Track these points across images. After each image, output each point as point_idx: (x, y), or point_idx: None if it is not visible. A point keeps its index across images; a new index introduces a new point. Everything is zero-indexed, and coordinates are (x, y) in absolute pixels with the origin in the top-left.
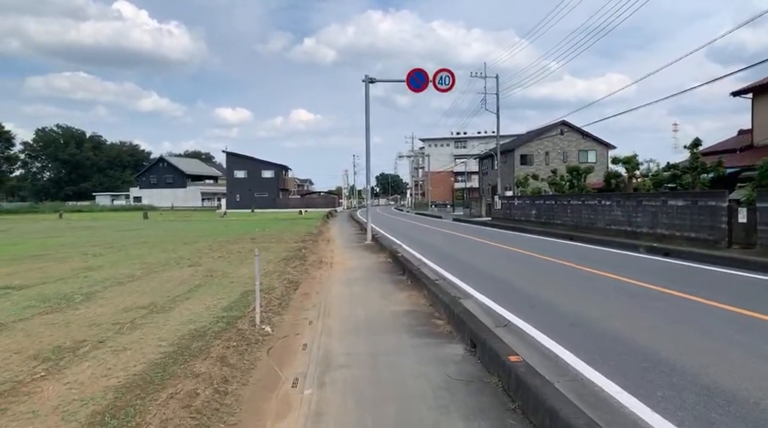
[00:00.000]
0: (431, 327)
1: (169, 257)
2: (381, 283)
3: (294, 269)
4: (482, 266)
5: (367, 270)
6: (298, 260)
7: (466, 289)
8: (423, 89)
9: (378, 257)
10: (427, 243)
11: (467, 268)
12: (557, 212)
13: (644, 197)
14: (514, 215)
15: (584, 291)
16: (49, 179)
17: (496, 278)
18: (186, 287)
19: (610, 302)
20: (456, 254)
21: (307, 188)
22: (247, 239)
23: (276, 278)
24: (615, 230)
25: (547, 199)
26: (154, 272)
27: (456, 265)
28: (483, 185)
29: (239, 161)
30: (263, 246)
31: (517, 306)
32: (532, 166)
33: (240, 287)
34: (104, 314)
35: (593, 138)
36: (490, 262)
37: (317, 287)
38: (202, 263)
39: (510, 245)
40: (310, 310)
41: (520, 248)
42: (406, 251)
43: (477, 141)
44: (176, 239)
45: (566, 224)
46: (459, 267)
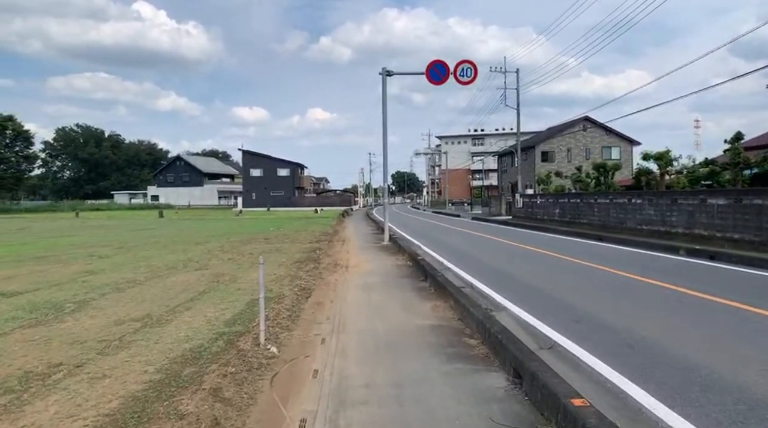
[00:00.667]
0: (463, 347)
1: (176, 259)
2: (401, 290)
3: (307, 273)
4: (512, 272)
5: (386, 275)
6: (311, 262)
7: (497, 299)
8: (443, 82)
9: (396, 259)
10: (448, 244)
11: (495, 273)
12: (583, 210)
13: (680, 195)
14: (537, 214)
15: (637, 304)
16: (69, 178)
17: (529, 286)
18: (189, 294)
19: (675, 319)
20: (480, 257)
21: (322, 187)
22: (260, 239)
23: (287, 285)
24: (647, 230)
25: (571, 197)
26: (158, 276)
27: (482, 270)
28: (502, 183)
29: (255, 160)
30: (276, 247)
31: (560, 321)
32: (554, 163)
33: (247, 295)
34: (92, 328)
35: (617, 134)
36: (519, 266)
37: (331, 294)
38: (210, 265)
39: (536, 246)
40: (323, 323)
41: (548, 250)
42: (426, 253)
43: (495, 138)
44: (188, 239)
45: (593, 224)
46: (486, 273)
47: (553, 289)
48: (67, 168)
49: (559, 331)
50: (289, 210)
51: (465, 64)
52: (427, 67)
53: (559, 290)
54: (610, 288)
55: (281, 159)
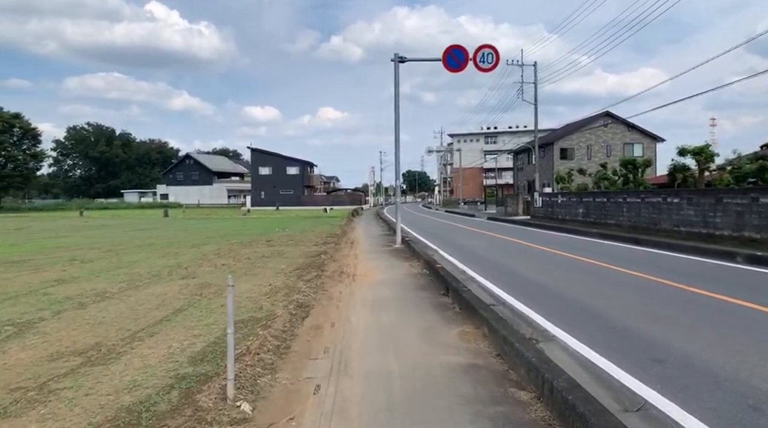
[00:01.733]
0: (511, 405)
1: (164, 265)
2: (419, 309)
3: (308, 284)
4: (549, 284)
5: (399, 286)
6: (314, 270)
7: (541, 323)
8: (461, 69)
9: (411, 266)
10: (467, 248)
11: (530, 286)
12: (610, 210)
13: (726, 194)
14: (557, 213)
15: (739, 334)
16: (80, 177)
17: (578, 305)
18: (161, 312)
19: None
20: (507, 263)
21: (333, 186)
22: (262, 242)
23: (281, 300)
24: (685, 232)
25: (597, 196)
26: (136, 286)
27: (513, 281)
28: (518, 181)
29: (264, 158)
30: (278, 251)
31: (637, 360)
32: (573, 160)
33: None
34: (17, 366)
35: (640, 130)
36: (556, 277)
37: (333, 313)
38: (198, 273)
39: (569, 251)
40: (319, 359)
41: (584, 256)
42: (443, 258)
43: (508, 136)
44: (186, 241)
45: (621, 225)
46: (519, 285)
47: (608, 309)
48: (78, 167)
49: (642, 379)
50: (298, 209)
51: (485, 49)
52: (444, 53)
53: (618, 310)
54: (686, 311)
55: (290, 157)
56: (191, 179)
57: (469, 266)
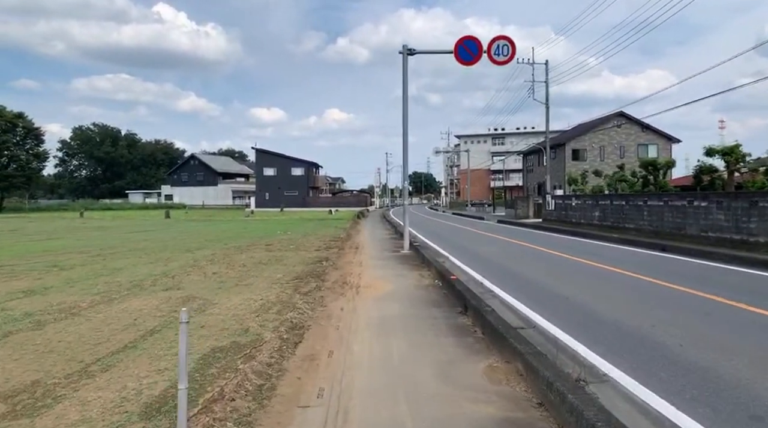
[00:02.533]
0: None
1: (149, 274)
2: (434, 332)
3: (305, 297)
4: (583, 300)
5: (409, 301)
6: (314, 279)
7: (585, 355)
8: (475, 61)
9: (420, 275)
10: (481, 255)
11: (561, 303)
12: (629, 214)
13: (761, 197)
14: (571, 217)
15: None
16: (86, 177)
17: (623, 330)
18: (129, 335)
19: None
20: (528, 274)
21: (338, 187)
22: (261, 246)
23: (272, 319)
24: (714, 238)
25: (614, 198)
26: (110, 300)
27: (540, 296)
28: (527, 183)
29: (268, 158)
30: (277, 256)
31: (736, 420)
32: (585, 162)
33: (209, 341)
34: None
35: (654, 131)
36: (588, 291)
37: (332, 337)
38: (185, 284)
39: (594, 259)
40: (311, 407)
41: (614, 266)
42: (456, 266)
43: (516, 138)
44: (181, 245)
45: (642, 230)
46: (547, 301)
47: (666, 338)
48: (84, 167)
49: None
50: (302, 211)
51: (501, 40)
52: (456, 45)
53: (678, 340)
54: (759, 337)
55: (295, 158)
56: (196, 179)
57: (487, 277)
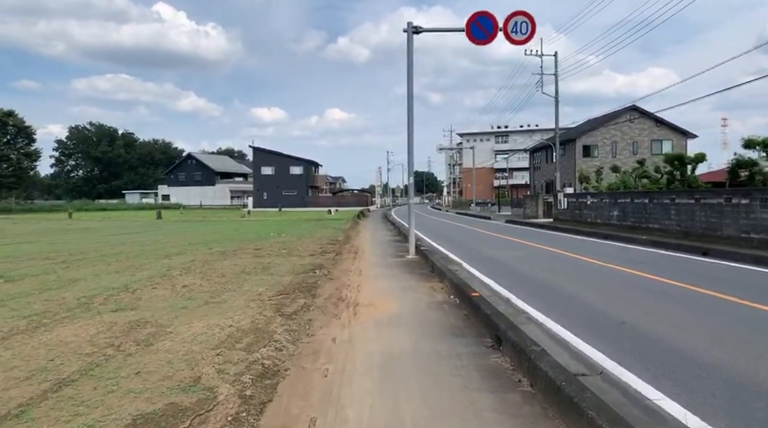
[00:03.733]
0: None
1: (107, 287)
2: (462, 383)
3: (287, 322)
4: (657, 332)
5: (421, 327)
6: (303, 294)
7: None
8: (489, 40)
9: (432, 288)
10: (498, 261)
11: (624, 333)
12: (653, 213)
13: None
14: (586, 216)
15: None
16: (82, 177)
17: (743, 381)
18: (26, 390)
19: None
20: (564, 287)
21: (339, 186)
22: (250, 250)
23: (237, 359)
24: (758, 240)
25: (636, 196)
26: (38, 326)
27: (590, 320)
28: (535, 181)
29: (266, 157)
30: (264, 263)
31: None
32: (597, 158)
33: (140, 400)
34: None
35: (668, 125)
36: (659, 317)
37: (317, 391)
38: (143, 302)
39: (633, 267)
40: None
41: (664, 277)
42: (474, 277)
43: (519, 135)
44: (161, 249)
45: (668, 230)
46: (603, 328)
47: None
48: (80, 167)
49: None
50: (301, 211)
51: (519, 16)
52: (468, 22)
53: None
54: None
55: (294, 156)
56: (193, 179)
57: (514, 291)
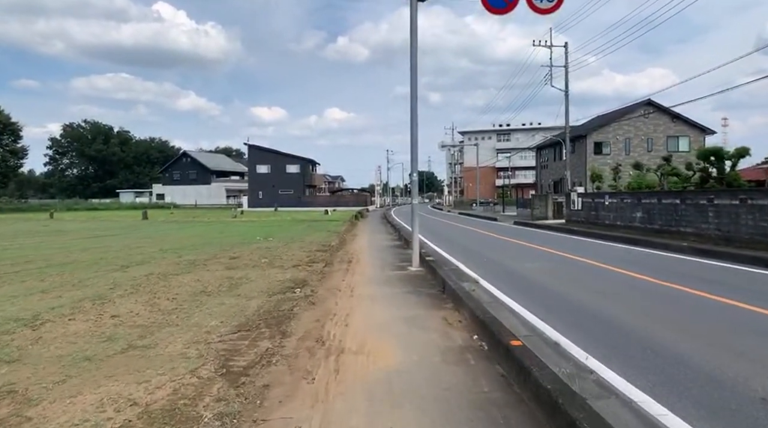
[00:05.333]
0: None
1: (8, 318)
2: None
3: (228, 393)
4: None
5: (436, 404)
6: (268, 332)
7: None
8: (509, 9)
9: (445, 322)
10: (525, 278)
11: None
12: (685, 215)
13: None
14: (604, 218)
15: None
16: (76, 176)
17: None
18: None
19: None
20: (648, 330)
21: (338, 186)
22: (225, 259)
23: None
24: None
25: (663, 196)
26: None
27: (714, 401)
28: (542, 180)
29: (262, 155)
30: (235, 279)
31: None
32: (609, 156)
33: None
34: None
35: (685, 121)
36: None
37: None
38: (35, 348)
39: (719, 292)
40: None
41: (749, 304)
42: (499, 302)
43: (521, 134)
44: (124, 257)
45: (705, 235)
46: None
47: None
48: (74, 166)
49: None
50: (297, 211)
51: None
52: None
53: None
54: None
55: (290, 154)
56: (188, 178)
57: (571, 336)
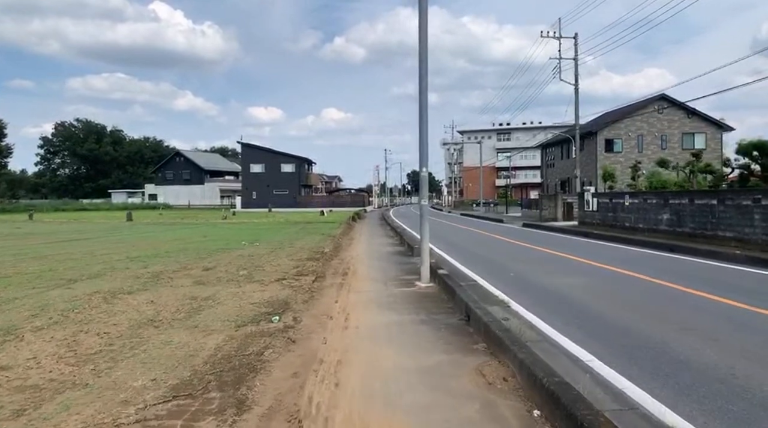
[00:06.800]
0: None
1: None
2: None
3: None
4: None
5: None
6: (217, 401)
7: None
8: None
9: (483, 380)
10: (569, 301)
11: None
12: (724, 218)
13: None
14: (623, 220)
15: None
16: (68, 176)
17: None
18: None
19: None
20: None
21: (335, 185)
22: (197, 270)
23: None
24: None
25: (696, 196)
26: None
27: None
28: (548, 179)
29: (256, 154)
30: (201, 300)
31: None
32: (621, 153)
33: None
34: None
35: (701, 116)
36: None
37: None
38: None
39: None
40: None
41: None
42: (548, 340)
43: (522, 133)
44: (78, 269)
45: (749, 240)
46: None
47: None
48: (66, 165)
49: None
50: (292, 211)
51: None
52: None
53: None
54: None
55: (285, 153)
56: (181, 178)
57: (691, 414)
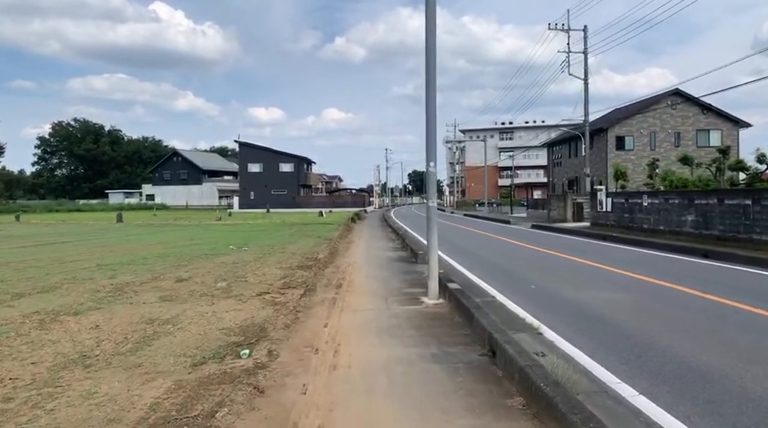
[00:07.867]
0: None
1: None
2: None
3: None
4: None
5: None
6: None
7: None
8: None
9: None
10: (609, 323)
11: None
12: (759, 220)
13: None
14: (641, 221)
15: None
16: (65, 176)
17: None
18: None
19: None
20: None
21: (335, 185)
22: (169, 281)
23: None
24: None
25: (727, 195)
26: None
27: None
28: (554, 179)
29: (254, 153)
30: (158, 325)
31: None
32: (633, 151)
33: None
34: None
35: (717, 112)
36: None
37: None
38: None
39: None
40: None
41: None
42: (611, 394)
43: (525, 132)
44: (40, 277)
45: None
46: None
47: None
48: (64, 165)
49: None
50: (291, 212)
51: None
52: None
53: None
54: None
55: (284, 152)
56: (179, 178)
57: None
